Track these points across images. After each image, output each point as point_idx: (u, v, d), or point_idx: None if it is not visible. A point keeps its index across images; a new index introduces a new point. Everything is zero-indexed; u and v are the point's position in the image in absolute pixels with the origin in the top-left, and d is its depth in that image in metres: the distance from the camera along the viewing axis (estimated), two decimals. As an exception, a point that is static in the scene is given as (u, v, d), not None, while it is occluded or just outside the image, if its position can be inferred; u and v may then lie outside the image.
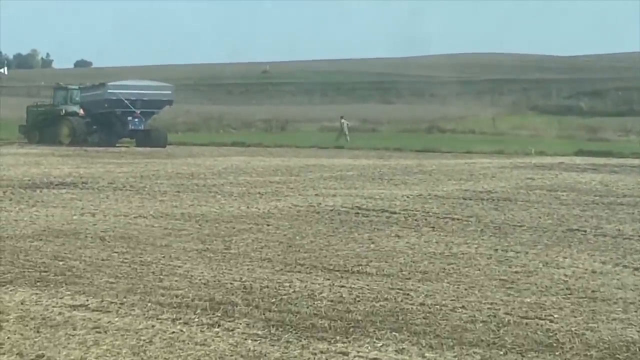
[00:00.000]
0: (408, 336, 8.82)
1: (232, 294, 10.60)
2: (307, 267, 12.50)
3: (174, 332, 8.86)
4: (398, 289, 11.04)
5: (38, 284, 11.19)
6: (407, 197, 22.13)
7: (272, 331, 8.94)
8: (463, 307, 10.08)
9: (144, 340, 8.59)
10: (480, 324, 9.31)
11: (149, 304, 10.02)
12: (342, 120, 56.81)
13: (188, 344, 8.50)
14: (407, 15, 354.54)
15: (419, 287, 11.20)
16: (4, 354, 8.13)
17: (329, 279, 11.61)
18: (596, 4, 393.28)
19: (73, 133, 51.17)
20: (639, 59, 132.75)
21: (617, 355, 8.37)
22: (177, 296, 10.44)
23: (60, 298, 10.35)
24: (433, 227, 16.79)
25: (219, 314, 9.58)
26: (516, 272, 12.33)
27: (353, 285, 11.20)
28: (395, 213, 18.81)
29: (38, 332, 8.87)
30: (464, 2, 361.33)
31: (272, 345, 8.48)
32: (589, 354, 8.38)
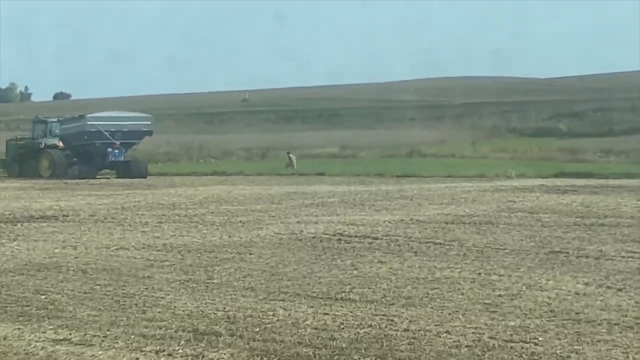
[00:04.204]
0: (393, 362, 8.80)
1: (216, 324, 10.57)
2: (291, 295, 12.48)
3: (158, 364, 8.82)
4: (382, 315, 11.03)
5: (20, 318, 11.14)
6: (389, 222, 22.13)
7: (256, 361, 8.91)
8: (447, 332, 10.08)
9: (127, 373, 8.55)
10: (465, 349, 9.30)
11: (133, 337, 9.98)
12: (290, 155, 57.49)
13: (172, 375, 8.47)
14: (386, 40, 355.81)
15: (402, 312, 11.19)
16: (-14, 390, 8.08)
17: (312, 307, 11.59)
18: (574, 26, 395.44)
19: (53, 166, 50.96)
20: (617, 79, 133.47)
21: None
22: (160, 328, 10.41)
23: (43, 332, 10.30)
24: (415, 252, 16.80)
25: (203, 345, 9.55)
26: (500, 295, 12.34)
27: (337, 313, 11.19)
28: (377, 239, 18.81)
29: (21, 367, 8.82)
30: (441, 26, 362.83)
31: (257, 375, 8.46)
32: (574, 376, 8.39)
